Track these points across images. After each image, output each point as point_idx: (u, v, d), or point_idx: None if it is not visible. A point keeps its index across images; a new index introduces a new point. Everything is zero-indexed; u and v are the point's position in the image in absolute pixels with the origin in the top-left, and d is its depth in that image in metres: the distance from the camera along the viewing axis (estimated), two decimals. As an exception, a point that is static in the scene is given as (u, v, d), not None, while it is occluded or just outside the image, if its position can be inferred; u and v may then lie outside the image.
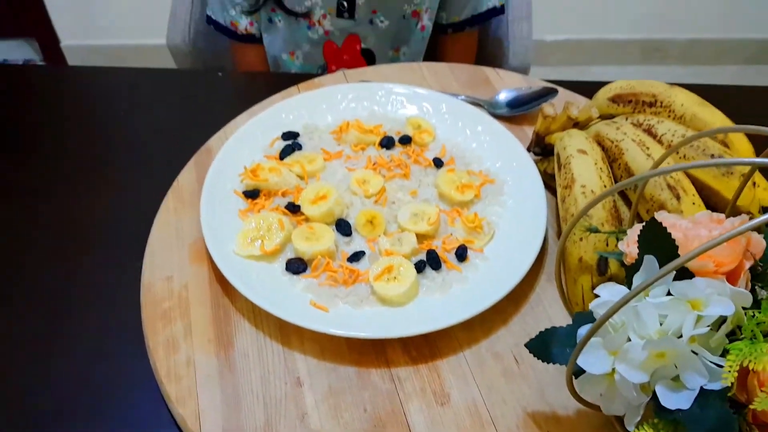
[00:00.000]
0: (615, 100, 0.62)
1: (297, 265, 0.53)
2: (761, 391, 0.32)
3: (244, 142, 0.63)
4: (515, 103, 0.70)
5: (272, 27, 0.90)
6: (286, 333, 0.51)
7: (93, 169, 0.68)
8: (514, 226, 0.57)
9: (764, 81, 1.90)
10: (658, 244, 0.39)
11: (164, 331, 0.51)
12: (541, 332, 0.42)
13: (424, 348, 0.50)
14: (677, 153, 0.55)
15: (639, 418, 0.37)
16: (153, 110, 0.76)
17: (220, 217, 0.56)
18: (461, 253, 0.54)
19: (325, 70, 0.93)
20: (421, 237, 0.55)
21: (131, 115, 0.75)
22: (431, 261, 0.53)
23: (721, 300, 0.36)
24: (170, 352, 0.50)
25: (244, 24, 0.90)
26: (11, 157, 0.69)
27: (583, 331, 0.40)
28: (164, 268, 0.55)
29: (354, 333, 0.48)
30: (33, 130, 0.73)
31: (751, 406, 0.32)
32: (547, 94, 0.70)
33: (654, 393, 0.37)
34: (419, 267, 0.53)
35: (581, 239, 0.50)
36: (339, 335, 0.48)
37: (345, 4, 0.86)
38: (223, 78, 0.83)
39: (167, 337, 0.51)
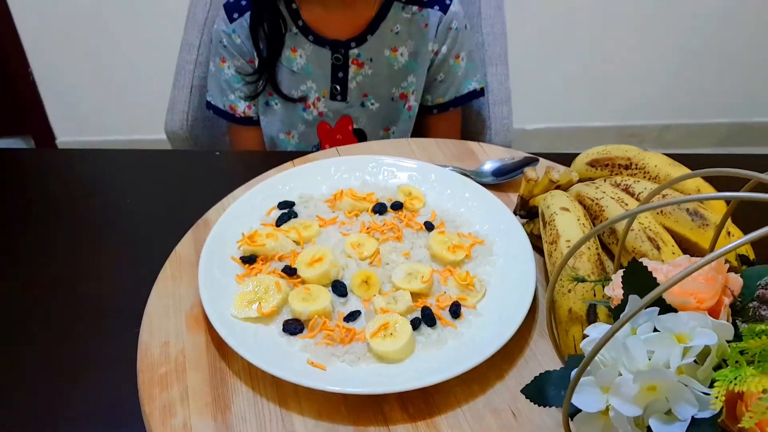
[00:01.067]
0: (593, 164, 0.66)
1: (294, 326, 0.54)
2: (747, 410, 0.33)
3: (242, 212, 0.65)
4: (499, 172, 0.74)
5: (269, 110, 0.95)
6: (284, 394, 0.51)
7: (93, 242, 0.70)
8: (504, 283, 0.59)
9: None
10: (641, 283, 0.41)
11: (161, 396, 0.51)
12: (536, 377, 0.43)
13: (422, 405, 0.50)
14: (656, 211, 0.58)
15: (637, 456, 0.37)
16: (152, 188, 0.79)
17: (217, 281, 0.57)
18: (455, 310, 0.55)
19: (319, 148, 0.98)
20: (415, 295, 0.56)
21: (132, 192, 0.78)
22: (426, 318, 0.54)
23: (705, 332, 0.38)
24: (167, 417, 0.49)
25: (242, 108, 0.95)
26: (16, 229, 0.71)
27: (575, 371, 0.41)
28: (161, 334, 0.56)
29: (351, 389, 0.48)
30: (34, 209, 0.75)
31: (739, 425, 0.32)
32: (529, 162, 0.74)
33: (648, 428, 0.37)
34: (415, 324, 0.54)
35: (569, 291, 0.52)
36: (336, 392, 0.48)
37: (338, 87, 0.92)
38: (221, 157, 0.87)
39: (164, 402, 0.50)
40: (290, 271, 0.58)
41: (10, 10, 1.75)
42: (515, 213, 0.67)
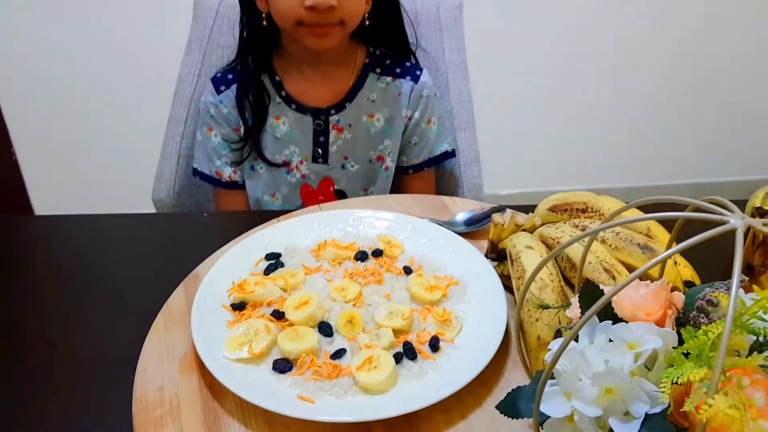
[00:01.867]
0: (553, 209, 0.72)
1: (283, 365, 0.57)
2: (688, 398, 0.37)
3: (231, 264, 0.69)
4: (470, 222, 0.80)
5: (255, 174, 1.02)
6: (275, 429, 0.53)
7: (87, 300, 0.73)
8: (479, 319, 0.63)
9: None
10: (594, 301, 0.46)
11: (157, 435, 0.53)
12: (508, 393, 0.47)
13: (406, 430, 0.53)
14: (610, 246, 0.64)
15: (601, 454, 0.41)
16: (143, 249, 0.83)
17: (209, 327, 0.61)
18: (434, 344, 0.59)
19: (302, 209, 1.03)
20: (397, 332, 0.61)
21: (123, 254, 0.81)
22: (407, 352, 0.58)
23: (652, 338, 0.42)
24: (163, 453, 0.52)
25: (227, 173, 1.01)
26: (14, 292, 0.74)
27: (546, 390, 0.45)
28: (156, 380, 0.59)
29: (339, 418, 0.52)
30: (31, 273, 0.78)
31: (682, 409, 0.37)
32: (497, 211, 0.80)
33: (610, 429, 0.41)
34: (397, 358, 0.58)
35: (537, 320, 0.57)
36: (325, 421, 0.52)
37: (320, 151, 0.99)
38: (208, 218, 0.91)
39: (160, 441, 0.53)
40: (278, 315, 0.62)
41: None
42: (486, 256, 0.72)
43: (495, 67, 1.89)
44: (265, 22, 0.93)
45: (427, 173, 1.08)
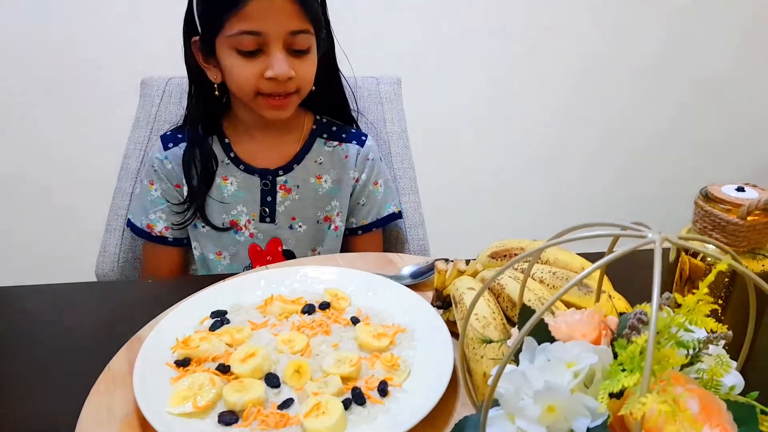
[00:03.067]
0: (493, 256, 0.75)
1: (229, 417, 0.56)
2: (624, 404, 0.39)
3: (175, 322, 0.68)
4: (416, 274, 0.82)
5: (199, 233, 1.01)
6: (221, 482, 0.51)
7: (24, 369, 0.70)
8: (426, 363, 0.63)
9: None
10: (533, 327, 0.48)
11: (93, 499, 0.50)
12: (456, 423, 0.47)
13: (357, 477, 0.52)
14: (548, 285, 0.67)
15: (548, 473, 0.42)
16: (85, 315, 0.80)
17: (152, 384, 0.59)
18: (383, 389, 0.59)
19: (250, 268, 1.03)
20: (345, 379, 0.60)
21: (62, 321, 0.78)
22: (356, 397, 0.58)
23: (587, 355, 0.44)
24: None
25: (159, 227, 1.01)
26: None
27: (491, 412, 0.46)
28: (94, 443, 0.56)
29: (288, 466, 0.50)
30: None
31: (619, 413, 0.38)
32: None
33: (555, 446, 0.42)
34: (346, 404, 0.57)
35: (482, 357, 0.58)
36: (273, 469, 0.50)
37: (267, 210, 1.00)
38: (152, 284, 0.90)
39: (96, 504, 0.50)
40: (224, 369, 0.61)
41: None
42: (432, 304, 0.74)
43: (438, 134, 1.99)
44: (217, 93, 0.96)
45: (376, 234, 1.11)
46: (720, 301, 0.65)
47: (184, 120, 1.04)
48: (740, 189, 0.64)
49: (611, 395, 0.42)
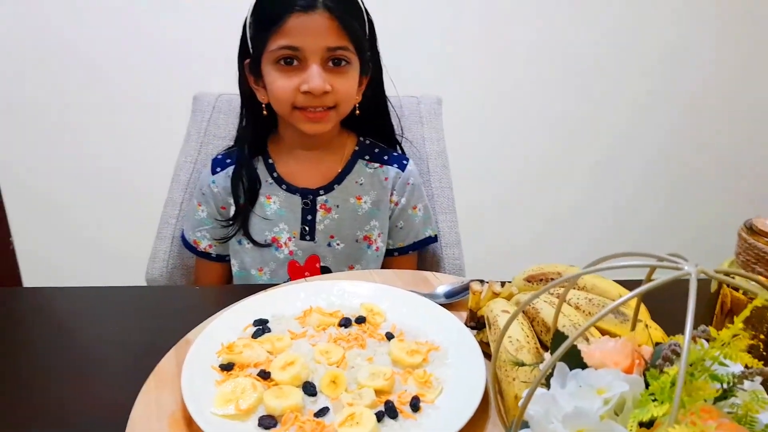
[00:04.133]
0: (529, 279, 0.76)
1: (268, 421, 0.58)
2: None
3: (221, 329, 0.72)
4: (450, 294, 0.83)
5: (242, 249, 1.06)
6: (258, 483, 0.54)
7: (80, 368, 0.74)
8: (459, 382, 0.65)
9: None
10: (566, 352, 0.49)
11: (140, 491, 0.53)
12: (486, 442, 0.49)
13: (388, 488, 0.54)
14: (584, 312, 0.68)
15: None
16: (137, 318, 0.85)
17: (198, 385, 0.62)
18: (415, 404, 0.61)
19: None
20: (378, 392, 0.62)
21: (116, 323, 0.83)
22: (389, 411, 0.60)
23: (618, 383, 0.45)
24: None
25: (204, 245, 1.08)
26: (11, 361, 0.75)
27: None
28: (143, 438, 0.59)
29: (322, 472, 0.52)
30: (25, 342, 0.79)
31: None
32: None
33: (583, 470, 0.43)
34: (378, 417, 0.59)
35: (514, 379, 0.59)
36: (308, 474, 0.52)
37: (307, 228, 1.04)
38: (199, 291, 0.94)
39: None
40: (265, 375, 0.64)
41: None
42: (466, 324, 0.75)
43: (475, 154, 2.00)
44: (265, 112, 1.01)
45: (411, 256, 1.14)
46: (762, 336, 0.65)
47: (234, 142, 1.10)
48: (785, 223, 0.64)
49: (641, 424, 0.43)
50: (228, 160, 1.07)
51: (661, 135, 2.16)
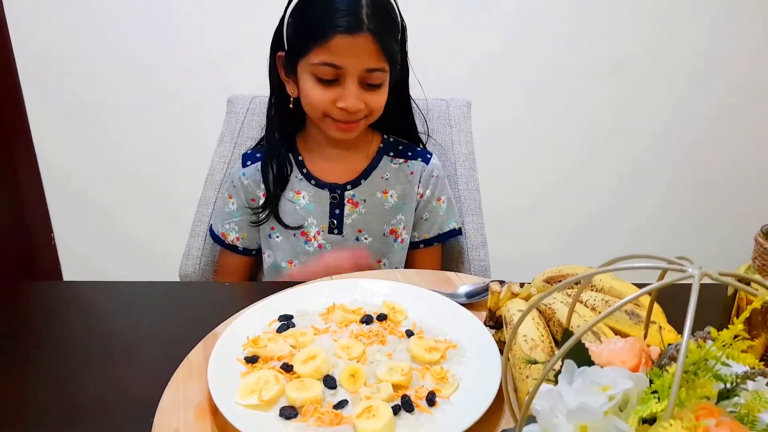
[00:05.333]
0: (548, 281, 0.77)
1: (289, 412, 0.61)
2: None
3: (247, 323, 0.75)
4: (471, 294, 0.85)
5: (273, 242, 1.09)
6: (278, 469, 0.57)
7: (112, 357, 0.78)
8: (475, 379, 0.67)
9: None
10: (574, 349, 0.51)
11: (168, 472, 0.57)
12: (495, 436, 0.51)
13: (401, 478, 0.56)
14: (599, 312, 0.69)
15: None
16: (168, 311, 0.89)
17: (224, 377, 0.66)
18: (431, 399, 0.63)
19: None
20: (396, 387, 0.65)
21: (148, 317, 0.87)
22: (405, 404, 0.62)
23: (623, 380, 0.47)
24: (172, 489, 0.55)
25: (231, 237, 1.12)
26: (48, 351, 0.80)
27: (528, 428, 0.49)
28: (172, 424, 0.63)
29: (338, 460, 0.55)
30: (61, 334, 0.84)
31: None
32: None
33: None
34: (395, 410, 0.61)
35: (527, 377, 0.61)
36: (325, 462, 0.55)
37: (335, 222, 1.07)
38: (229, 287, 0.98)
39: (171, 477, 0.56)
40: (287, 368, 0.67)
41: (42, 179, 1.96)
42: (485, 324, 0.77)
43: (503, 158, 2.01)
44: (291, 106, 1.04)
45: (436, 248, 1.16)
46: (775, 340, 0.65)
47: (263, 131, 1.13)
48: (803, 228, 0.64)
49: (644, 421, 0.44)
50: (258, 155, 1.11)
51: (688, 140, 2.12)
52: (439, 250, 1.17)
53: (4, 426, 0.67)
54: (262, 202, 1.09)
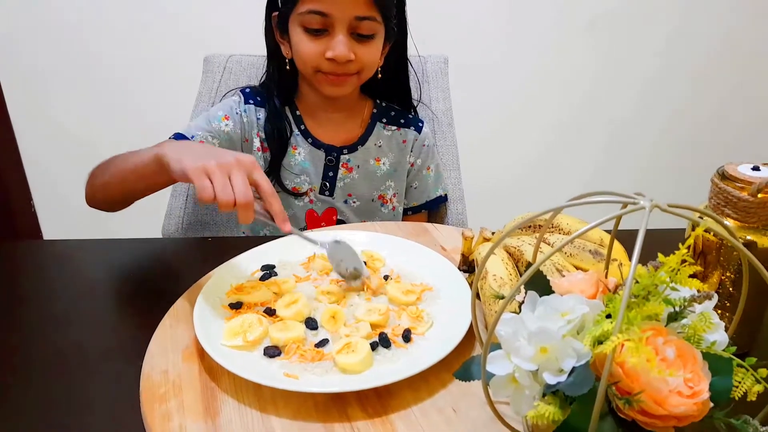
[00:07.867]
0: (519, 227, 0.81)
1: (273, 351, 0.65)
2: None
3: (230, 273, 0.78)
4: (448, 242, 0.89)
5: None
6: (264, 402, 0.60)
7: (100, 310, 0.81)
8: (448, 318, 0.71)
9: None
10: (536, 281, 0.54)
11: (160, 408, 0.60)
12: (463, 362, 0.55)
13: (379, 406, 0.60)
14: (565, 253, 0.73)
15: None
16: (153, 267, 0.91)
17: (209, 321, 0.69)
18: (407, 335, 0.67)
19: (305, 230, 1.11)
20: (374, 326, 0.68)
21: (134, 272, 0.90)
22: (382, 341, 0.66)
23: (580, 306, 0.50)
24: (165, 422, 0.58)
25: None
26: (43, 304, 0.82)
27: (493, 353, 0.53)
28: (161, 366, 0.66)
29: (320, 389, 0.59)
30: (54, 288, 0.87)
31: (596, 351, 0.44)
32: (471, 233, 0.89)
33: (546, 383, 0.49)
34: (373, 346, 0.65)
35: (495, 312, 0.65)
36: (308, 392, 0.59)
37: (327, 184, 1.09)
38: (212, 242, 1.00)
39: (162, 412, 0.60)
40: (270, 312, 0.70)
41: (18, 145, 1.95)
42: (458, 268, 0.81)
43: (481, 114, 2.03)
44: (288, 67, 1.03)
45: (422, 214, 1.20)
46: (729, 274, 0.69)
47: (261, 86, 1.11)
48: (756, 168, 0.68)
49: (598, 342, 0.48)
50: (258, 98, 1.07)
51: (677, 94, 2.16)
52: (426, 214, 1.21)
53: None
54: (253, 150, 1.06)
